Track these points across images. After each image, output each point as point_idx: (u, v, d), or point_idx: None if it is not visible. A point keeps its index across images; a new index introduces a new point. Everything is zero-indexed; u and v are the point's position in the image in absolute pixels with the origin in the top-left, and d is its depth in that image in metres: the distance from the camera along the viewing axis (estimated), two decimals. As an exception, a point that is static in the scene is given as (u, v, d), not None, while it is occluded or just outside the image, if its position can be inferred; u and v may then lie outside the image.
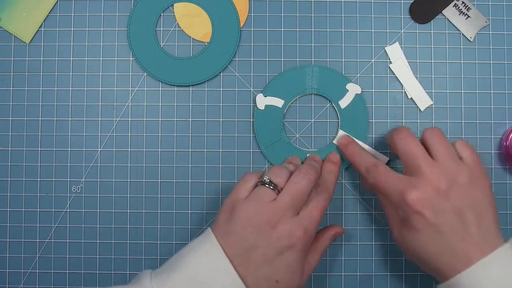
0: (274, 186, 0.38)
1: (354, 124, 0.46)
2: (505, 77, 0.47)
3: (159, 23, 0.47)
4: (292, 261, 0.37)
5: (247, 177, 0.40)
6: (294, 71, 0.47)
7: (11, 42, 0.47)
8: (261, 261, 0.36)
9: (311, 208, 0.38)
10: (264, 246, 0.36)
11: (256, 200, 0.38)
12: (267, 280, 0.36)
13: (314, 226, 0.38)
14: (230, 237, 0.37)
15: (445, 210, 0.37)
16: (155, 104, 0.47)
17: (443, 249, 0.37)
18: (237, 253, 0.36)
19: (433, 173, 0.38)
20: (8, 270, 0.46)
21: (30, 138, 0.47)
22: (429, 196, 0.37)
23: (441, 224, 0.37)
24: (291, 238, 0.36)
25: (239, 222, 0.37)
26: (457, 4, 0.47)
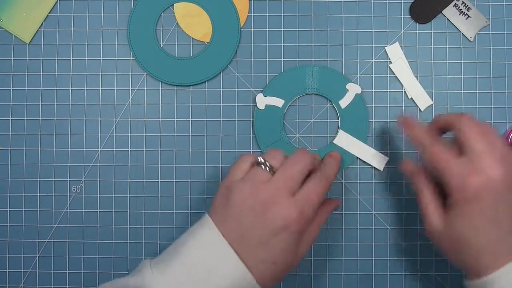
0: (270, 168, 0.38)
1: (354, 124, 0.46)
2: (505, 77, 0.47)
3: (159, 23, 0.47)
4: (288, 243, 0.36)
5: (243, 158, 0.40)
6: (294, 71, 0.47)
7: (11, 42, 0.47)
8: (257, 243, 0.36)
9: (309, 190, 0.38)
10: (259, 228, 0.36)
11: (251, 181, 0.37)
12: (264, 263, 0.36)
13: (311, 209, 0.37)
14: (227, 222, 0.37)
15: (506, 200, 0.36)
16: (155, 104, 0.47)
17: (490, 241, 0.36)
18: (235, 237, 0.36)
19: (496, 161, 0.36)
20: (8, 270, 0.46)
21: (30, 138, 0.47)
22: (492, 185, 0.36)
23: (499, 215, 0.36)
24: (285, 219, 0.36)
25: (235, 205, 0.37)
26: (457, 4, 0.47)
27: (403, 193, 0.47)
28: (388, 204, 0.47)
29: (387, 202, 0.47)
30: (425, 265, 0.46)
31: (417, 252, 0.46)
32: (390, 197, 0.47)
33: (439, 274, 0.46)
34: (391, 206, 0.47)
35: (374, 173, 0.47)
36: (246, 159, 0.40)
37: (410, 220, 0.47)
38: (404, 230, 0.47)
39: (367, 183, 0.47)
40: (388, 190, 0.47)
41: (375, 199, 0.47)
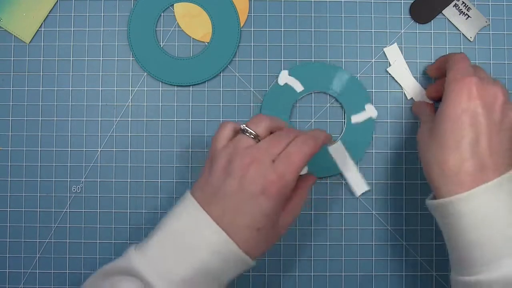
0: (255, 136, 0.37)
1: (354, 141, 0.46)
2: (505, 77, 0.47)
3: (159, 23, 0.47)
4: (268, 208, 0.35)
5: (223, 125, 0.39)
6: (326, 67, 0.47)
7: (11, 42, 0.47)
8: (238, 209, 0.35)
9: (291, 152, 0.36)
10: (238, 192, 0.35)
11: (233, 147, 0.37)
12: (247, 229, 0.35)
13: (292, 172, 0.36)
14: (207, 188, 0.36)
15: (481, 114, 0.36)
16: (155, 104, 0.47)
17: (460, 151, 0.36)
18: (214, 202, 0.36)
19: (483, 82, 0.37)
20: (8, 270, 0.46)
21: (30, 138, 0.47)
22: (480, 87, 0.37)
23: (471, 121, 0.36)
24: (263, 183, 0.35)
25: (216, 172, 0.36)
26: (457, 4, 0.47)
27: (403, 193, 0.47)
28: (388, 204, 0.47)
29: (387, 202, 0.47)
30: (425, 265, 0.46)
31: (417, 252, 0.46)
32: (390, 197, 0.47)
33: (439, 274, 0.46)
34: (391, 206, 0.47)
35: (374, 173, 0.47)
36: (227, 126, 0.39)
37: (410, 220, 0.47)
38: (404, 230, 0.47)
39: (367, 183, 0.47)
40: (388, 190, 0.47)
41: (375, 199, 0.47)
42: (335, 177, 0.47)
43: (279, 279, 0.46)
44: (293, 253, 0.46)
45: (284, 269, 0.46)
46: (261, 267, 0.46)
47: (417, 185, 0.47)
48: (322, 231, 0.47)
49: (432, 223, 0.46)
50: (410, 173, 0.47)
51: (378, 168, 0.47)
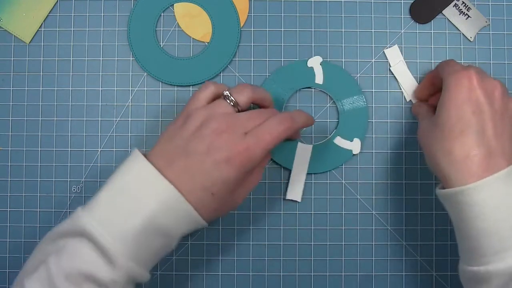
0: (235, 103, 0.37)
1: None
2: (505, 77, 0.47)
3: (159, 23, 0.47)
4: (228, 177, 0.35)
5: (206, 85, 0.39)
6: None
7: (11, 42, 0.47)
8: (198, 169, 0.35)
9: (263, 129, 0.36)
10: (203, 154, 0.35)
11: (210, 110, 0.37)
12: (203, 190, 0.35)
13: (261, 148, 0.36)
14: (174, 144, 0.36)
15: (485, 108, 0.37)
16: (155, 104, 0.47)
17: (468, 141, 0.36)
18: (177, 157, 0.36)
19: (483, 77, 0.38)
20: (8, 270, 0.46)
21: (30, 138, 0.47)
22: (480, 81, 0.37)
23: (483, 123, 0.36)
24: (230, 151, 0.35)
25: (188, 129, 0.36)
26: (457, 4, 0.47)
27: (403, 193, 0.47)
28: (388, 204, 0.47)
29: (387, 202, 0.47)
30: (425, 265, 0.46)
31: (417, 252, 0.46)
32: (390, 197, 0.47)
33: (439, 274, 0.46)
34: (391, 206, 0.47)
35: (374, 173, 0.47)
36: (210, 87, 0.39)
37: (410, 220, 0.47)
38: (404, 230, 0.47)
39: (367, 183, 0.47)
40: (388, 190, 0.47)
41: (375, 199, 0.47)
42: (336, 177, 0.47)
43: (279, 279, 0.46)
44: (293, 253, 0.46)
45: (284, 269, 0.46)
46: (261, 267, 0.46)
47: (417, 185, 0.47)
48: (322, 231, 0.47)
49: (432, 223, 0.46)
50: (410, 173, 0.47)
51: (378, 168, 0.47)
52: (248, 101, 0.38)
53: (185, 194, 0.35)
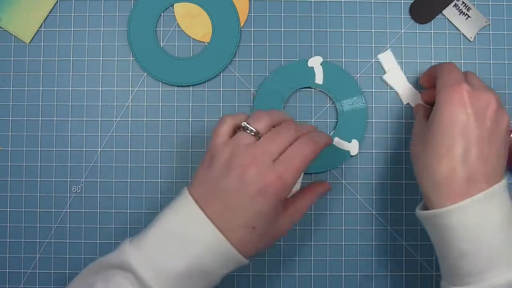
0: (255, 133, 0.37)
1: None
2: (505, 77, 0.47)
3: (159, 23, 0.47)
4: (266, 208, 0.35)
5: (224, 120, 0.39)
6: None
7: (11, 42, 0.47)
8: (234, 207, 0.35)
9: (291, 154, 0.36)
10: (236, 190, 0.35)
11: (233, 144, 0.37)
12: (243, 227, 0.35)
13: (292, 174, 0.36)
14: (206, 184, 0.36)
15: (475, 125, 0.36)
16: (155, 104, 0.47)
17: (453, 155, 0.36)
18: (212, 199, 0.36)
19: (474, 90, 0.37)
20: (8, 270, 0.46)
21: (30, 138, 0.47)
22: (469, 98, 0.36)
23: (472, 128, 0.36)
24: (262, 183, 0.35)
25: (216, 168, 0.36)
26: (457, 4, 0.47)
27: (403, 193, 0.47)
28: (388, 204, 0.47)
29: (387, 202, 0.47)
30: (425, 265, 0.46)
31: (417, 252, 0.46)
32: (390, 197, 0.47)
33: (439, 274, 0.46)
34: (391, 206, 0.47)
35: (374, 173, 0.47)
36: (227, 122, 0.38)
37: (410, 220, 0.47)
38: (404, 230, 0.47)
39: (367, 183, 0.47)
40: (388, 190, 0.47)
41: (375, 199, 0.47)
42: (336, 177, 0.47)
43: (279, 279, 0.46)
44: (293, 253, 0.46)
45: (284, 269, 0.46)
46: (261, 267, 0.46)
47: (417, 185, 0.47)
48: (322, 231, 0.47)
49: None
50: (410, 173, 0.47)
51: (378, 168, 0.47)
52: (267, 128, 0.38)
53: (226, 234, 0.35)
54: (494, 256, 0.34)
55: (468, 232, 0.35)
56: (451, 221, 0.35)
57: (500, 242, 0.34)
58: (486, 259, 0.34)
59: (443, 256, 0.37)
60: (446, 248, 0.36)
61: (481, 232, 0.34)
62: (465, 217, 0.35)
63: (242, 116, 0.39)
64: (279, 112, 0.40)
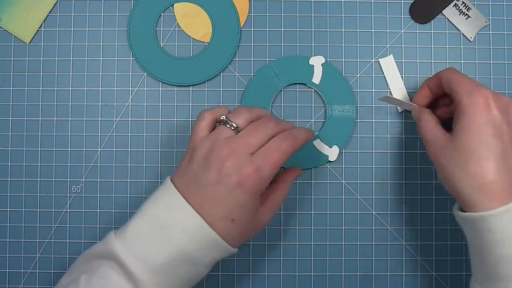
0: (235, 128, 0.38)
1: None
2: (505, 77, 0.47)
3: (159, 23, 0.47)
4: (244, 201, 0.36)
5: (202, 115, 0.39)
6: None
7: (11, 42, 0.47)
8: (214, 199, 0.36)
9: (270, 148, 0.36)
10: (215, 183, 0.35)
11: (213, 138, 0.37)
12: (223, 219, 0.36)
13: (270, 168, 0.36)
14: (187, 176, 0.37)
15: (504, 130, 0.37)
16: (155, 104, 0.47)
17: (493, 161, 0.36)
18: (193, 191, 0.36)
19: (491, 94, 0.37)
20: (8, 270, 0.46)
21: (30, 138, 0.47)
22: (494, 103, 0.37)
23: (504, 137, 0.36)
24: (240, 175, 0.35)
25: (196, 162, 0.37)
26: (457, 4, 0.47)
27: (403, 193, 0.47)
28: (388, 205, 0.47)
29: (387, 202, 0.47)
30: (425, 265, 0.46)
31: (417, 252, 0.46)
32: (390, 197, 0.47)
33: (439, 274, 0.46)
34: (391, 206, 0.47)
35: (374, 173, 0.47)
36: (206, 117, 0.39)
37: (410, 220, 0.47)
38: (404, 230, 0.47)
39: (367, 183, 0.47)
40: (388, 190, 0.47)
41: (375, 199, 0.47)
42: (335, 177, 0.47)
43: (279, 279, 0.46)
44: (293, 253, 0.46)
45: (284, 269, 0.46)
46: (261, 267, 0.46)
47: (417, 185, 0.47)
48: (322, 231, 0.47)
49: (432, 223, 0.46)
50: (410, 173, 0.47)
51: (378, 168, 0.47)
52: (246, 123, 0.38)
53: (209, 225, 0.35)
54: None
55: (508, 235, 0.34)
56: (495, 224, 0.35)
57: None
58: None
59: (480, 260, 0.36)
60: (484, 251, 0.36)
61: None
62: (507, 220, 0.34)
63: (222, 110, 0.39)
64: (260, 109, 0.41)
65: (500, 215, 0.34)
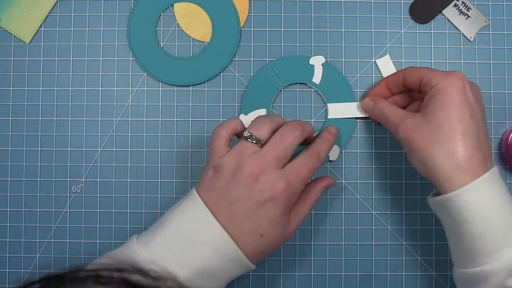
0: (257, 140, 0.38)
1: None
2: (505, 77, 0.47)
3: (159, 23, 0.47)
4: (275, 215, 0.36)
5: (217, 132, 0.39)
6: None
7: (11, 42, 0.47)
8: (244, 214, 0.36)
9: (298, 164, 0.38)
10: (246, 199, 0.36)
11: (238, 154, 0.37)
12: (251, 234, 0.36)
13: (299, 182, 0.37)
14: (213, 192, 0.37)
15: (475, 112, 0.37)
16: (155, 104, 0.47)
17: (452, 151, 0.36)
18: (220, 207, 0.36)
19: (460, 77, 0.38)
20: (8, 270, 0.46)
21: (30, 138, 0.47)
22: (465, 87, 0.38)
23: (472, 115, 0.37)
24: (272, 190, 0.36)
25: (222, 178, 0.37)
26: (457, 4, 0.47)
27: (403, 193, 0.47)
28: (388, 204, 0.47)
29: (387, 202, 0.47)
30: (425, 265, 0.46)
31: (417, 252, 0.46)
32: (390, 197, 0.47)
33: (439, 274, 0.46)
34: (391, 206, 0.47)
35: (374, 173, 0.47)
36: (222, 134, 0.39)
37: (410, 220, 0.47)
38: (404, 230, 0.47)
39: (367, 183, 0.47)
40: (388, 190, 0.47)
41: (375, 199, 0.47)
42: (336, 177, 0.47)
43: (279, 279, 0.46)
44: (293, 253, 0.46)
45: (284, 269, 0.46)
46: (261, 267, 0.46)
47: (417, 185, 0.47)
48: (322, 231, 0.47)
49: (432, 223, 0.46)
50: (410, 173, 0.47)
51: (378, 168, 0.47)
52: (269, 133, 0.39)
53: (235, 240, 0.36)
54: (504, 236, 0.35)
55: (478, 212, 0.35)
56: (461, 203, 0.35)
57: (510, 219, 0.35)
58: (497, 239, 0.35)
59: (456, 241, 0.37)
60: (459, 231, 0.36)
61: (490, 212, 0.35)
62: (474, 198, 0.35)
63: (235, 124, 0.39)
64: (278, 116, 0.41)
65: (467, 193, 0.35)
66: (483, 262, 0.35)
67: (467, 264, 0.36)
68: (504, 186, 0.37)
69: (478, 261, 0.35)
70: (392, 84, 0.43)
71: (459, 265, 0.38)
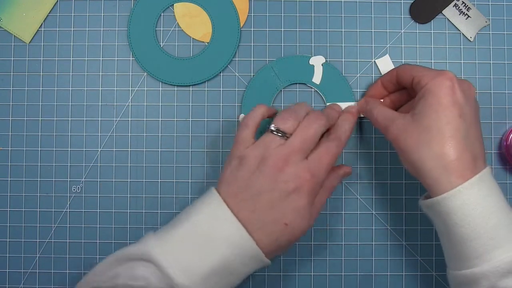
0: (283, 134, 0.38)
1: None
2: (505, 77, 0.47)
3: (159, 23, 0.47)
4: (299, 205, 0.37)
5: (245, 123, 0.39)
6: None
7: (11, 42, 0.47)
8: (268, 205, 0.36)
9: (321, 152, 0.38)
10: (270, 190, 0.36)
11: (264, 146, 0.38)
12: (275, 224, 0.36)
13: (323, 171, 0.38)
14: (237, 183, 0.37)
15: (466, 111, 0.37)
16: (155, 104, 0.47)
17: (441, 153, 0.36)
18: (243, 198, 0.37)
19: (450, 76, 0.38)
20: (8, 270, 0.46)
21: (30, 138, 0.47)
22: (457, 87, 0.37)
23: (464, 113, 0.37)
24: (297, 181, 0.37)
25: (246, 169, 0.37)
26: (457, 4, 0.47)
27: (403, 193, 0.47)
28: (388, 204, 0.47)
29: (387, 202, 0.47)
30: (425, 265, 0.46)
31: (417, 252, 0.46)
32: (390, 197, 0.47)
33: (439, 274, 0.46)
34: (391, 206, 0.47)
35: (374, 173, 0.47)
36: (249, 124, 0.39)
37: (410, 220, 0.47)
38: (404, 230, 0.47)
39: (367, 183, 0.47)
40: (388, 190, 0.47)
41: (375, 199, 0.47)
42: (335, 177, 0.47)
43: (279, 279, 0.46)
44: (293, 253, 0.46)
45: (284, 269, 0.46)
46: (261, 267, 0.46)
47: (417, 185, 0.47)
48: (322, 231, 0.47)
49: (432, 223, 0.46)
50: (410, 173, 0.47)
51: (378, 168, 0.47)
52: (295, 125, 0.39)
53: (255, 233, 0.36)
54: (493, 238, 0.35)
55: (466, 215, 0.35)
56: (450, 207, 0.35)
57: (499, 222, 0.35)
58: (486, 241, 0.35)
59: (448, 243, 0.37)
60: (450, 234, 0.36)
61: (478, 214, 0.35)
62: (462, 201, 0.35)
63: (261, 111, 0.40)
64: (302, 104, 0.41)
65: (454, 196, 0.35)
66: (474, 264, 0.35)
67: (458, 266, 0.36)
68: (496, 187, 0.36)
69: (468, 264, 0.35)
70: (387, 82, 0.43)
71: (451, 266, 0.38)
